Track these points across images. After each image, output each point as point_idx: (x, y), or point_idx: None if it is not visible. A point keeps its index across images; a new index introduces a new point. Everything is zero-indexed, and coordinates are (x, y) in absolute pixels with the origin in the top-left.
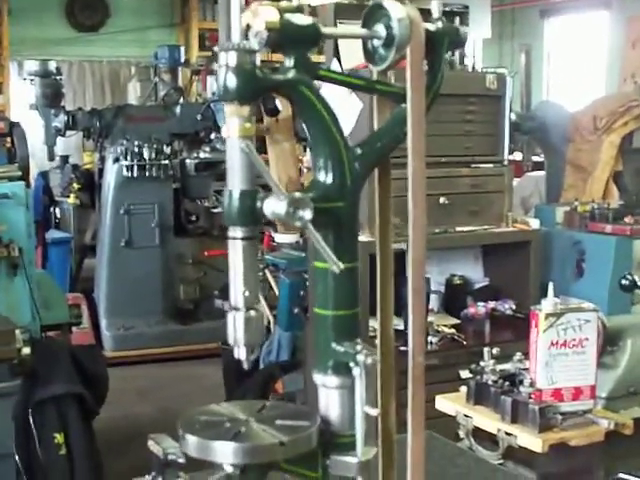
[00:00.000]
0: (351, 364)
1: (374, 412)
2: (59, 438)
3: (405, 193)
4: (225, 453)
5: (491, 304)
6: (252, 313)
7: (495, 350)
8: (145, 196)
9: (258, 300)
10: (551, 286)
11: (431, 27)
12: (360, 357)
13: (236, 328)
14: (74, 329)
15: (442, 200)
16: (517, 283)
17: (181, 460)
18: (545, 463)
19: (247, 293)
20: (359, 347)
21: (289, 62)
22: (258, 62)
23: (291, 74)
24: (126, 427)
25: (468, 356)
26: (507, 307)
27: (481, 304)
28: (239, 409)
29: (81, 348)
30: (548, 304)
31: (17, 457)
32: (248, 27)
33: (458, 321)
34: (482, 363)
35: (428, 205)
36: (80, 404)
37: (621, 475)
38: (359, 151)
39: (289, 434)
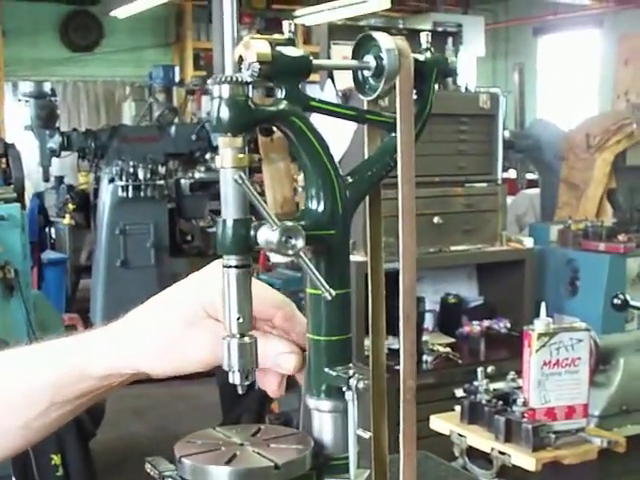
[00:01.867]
0: (344, 388)
1: (366, 435)
2: (56, 460)
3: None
4: (220, 477)
5: (486, 323)
6: (246, 339)
7: (490, 369)
8: (140, 216)
9: (252, 326)
10: (543, 306)
11: (420, 57)
12: (352, 381)
13: (230, 354)
14: None
15: (436, 220)
16: (512, 301)
17: None
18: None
19: (241, 320)
20: (352, 371)
21: (281, 93)
22: (251, 94)
23: (282, 105)
24: (122, 447)
25: (463, 375)
26: (502, 325)
27: (476, 323)
28: (234, 433)
29: None
30: (541, 324)
31: (14, 479)
32: (241, 59)
33: (453, 340)
34: (476, 382)
35: (422, 225)
36: (77, 426)
37: None
38: (350, 179)
39: (283, 457)
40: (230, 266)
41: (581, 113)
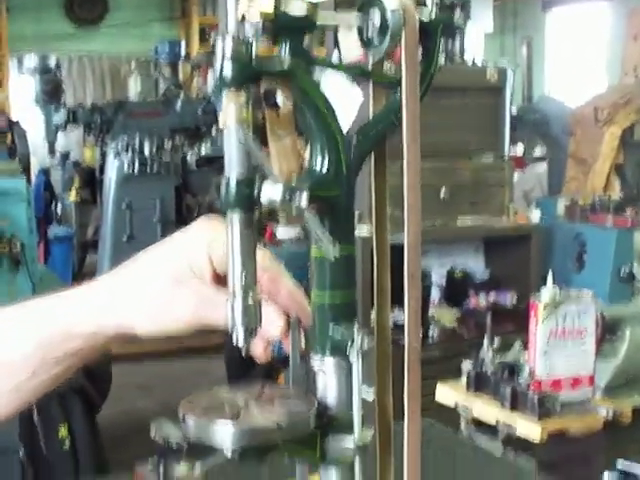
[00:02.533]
0: (348, 347)
1: (371, 395)
2: (63, 433)
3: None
4: (223, 435)
5: (492, 296)
6: (250, 297)
7: (496, 342)
8: (146, 191)
9: (256, 285)
10: (550, 275)
11: (425, 15)
12: (357, 340)
13: (234, 313)
14: None
15: (442, 193)
16: (518, 275)
17: (183, 446)
18: (544, 452)
19: (245, 278)
20: (356, 330)
21: (284, 50)
22: (254, 51)
23: (286, 61)
24: (128, 422)
25: (469, 348)
26: (508, 299)
27: (482, 296)
28: (238, 393)
29: None
30: (547, 294)
31: (22, 452)
32: (244, 17)
33: (459, 314)
34: (481, 353)
35: (428, 198)
36: (84, 399)
37: (620, 463)
38: (354, 139)
39: (287, 417)
40: (233, 222)
41: (589, 89)
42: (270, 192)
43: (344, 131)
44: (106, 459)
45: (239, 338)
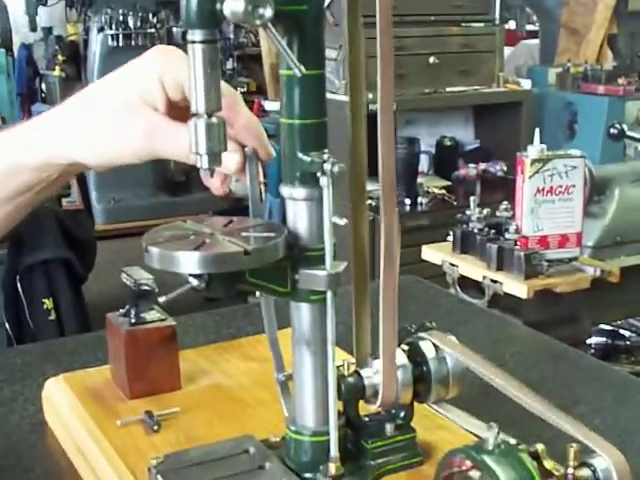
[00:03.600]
0: (318, 174)
1: (342, 222)
2: (48, 304)
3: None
4: (188, 263)
5: (482, 166)
6: (214, 119)
7: (485, 210)
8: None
9: (220, 107)
10: (537, 133)
11: None
12: (327, 166)
13: (197, 135)
14: (64, 202)
15: (431, 60)
16: (508, 145)
17: (155, 290)
18: (531, 310)
19: (209, 98)
20: (326, 156)
21: None
22: None
23: None
24: (117, 296)
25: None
26: (498, 169)
27: (472, 166)
28: (205, 224)
29: (67, 213)
30: (534, 150)
31: (7, 325)
32: None
33: (448, 183)
34: (468, 212)
35: (417, 65)
36: (68, 269)
37: (601, 326)
38: None
39: (255, 244)
40: (195, 41)
41: None
42: (232, 5)
43: None
44: (91, 329)
45: (203, 162)
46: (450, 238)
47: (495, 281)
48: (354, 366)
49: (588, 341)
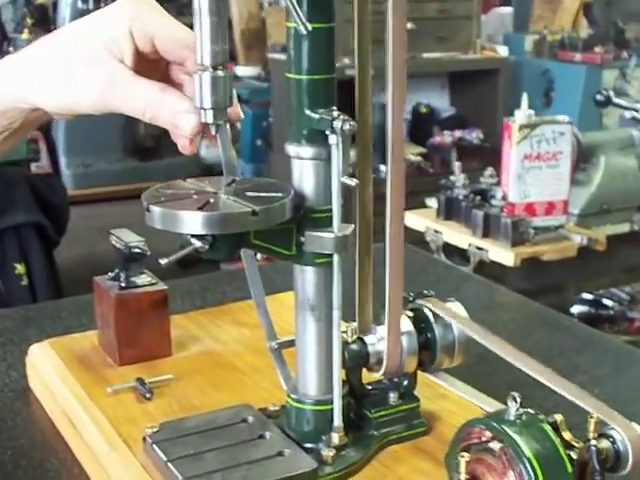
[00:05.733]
0: (327, 132)
1: (352, 182)
2: (20, 269)
3: None
4: (193, 223)
5: (458, 133)
6: (220, 72)
7: (462, 177)
8: None
9: (226, 59)
10: (525, 97)
11: None
12: (337, 124)
13: (202, 89)
14: (33, 167)
15: (409, 25)
16: (484, 113)
17: (146, 253)
18: (517, 278)
19: (214, 49)
20: (335, 114)
21: None
22: None
23: None
24: (90, 263)
25: (434, 184)
26: (474, 136)
27: (447, 133)
28: (207, 183)
29: (39, 177)
30: (522, 115)
31: None
32: None
33: (424, 150)
34: (452, 177)
35: None
36: (40, 233)
37: (584, 295)
38: None
39: (261, 204)
40: None
41: None
42: None
43: None
44: (63, 292)
45: (208, 117)
46: (431, 204)
47: (481, 248)
48: (357, 333)
49: (571, 310)
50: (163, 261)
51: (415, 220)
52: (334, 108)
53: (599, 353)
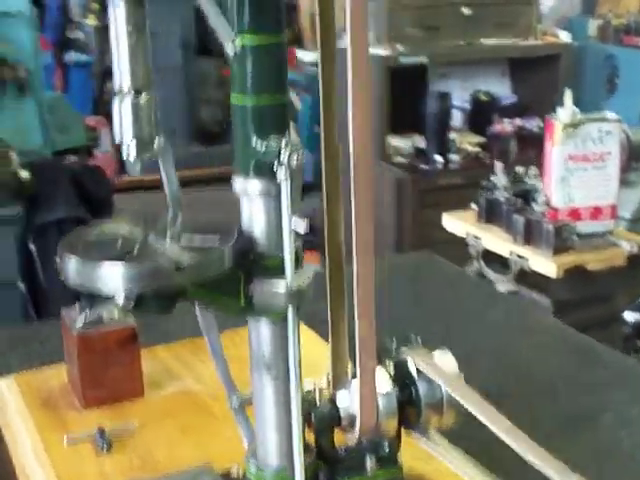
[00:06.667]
0: (275, 164)
1: (302, 227)
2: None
3: None
4: (106, 278)
5: (518, 121)
6: (142, 98)
7: (519, 169)
8: (166, 15)
9: (149, 82)
10: (568, 93)
11: None
12: (284, 155)
13: (122, 117)
14: (96, 152)
15: (465, 10)
16: (546, 100)
17: None
18: (560, 288)
19: (135, 71)
20: (284, 142)
21: None
22: None
23: None
24: None
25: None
26: (534, 124)
27: (507, 121)
28: (141, 222)
29: (83, 170)
30: (566, 113)
31: (22, 285)
32: None
33: (483, 139)
34: (493, 178)
35: (450, 16)
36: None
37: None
38: None
39: (192, 255)
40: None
41: None
42: None
43: None
44: None
45: (130, 152)
46: (474, 206)
47: (522, 256)
48: (328, 390)
49: (624, 316)
50: (78, 324)
51: (454, 224)
52: (286, 135)
53: (633, 389)
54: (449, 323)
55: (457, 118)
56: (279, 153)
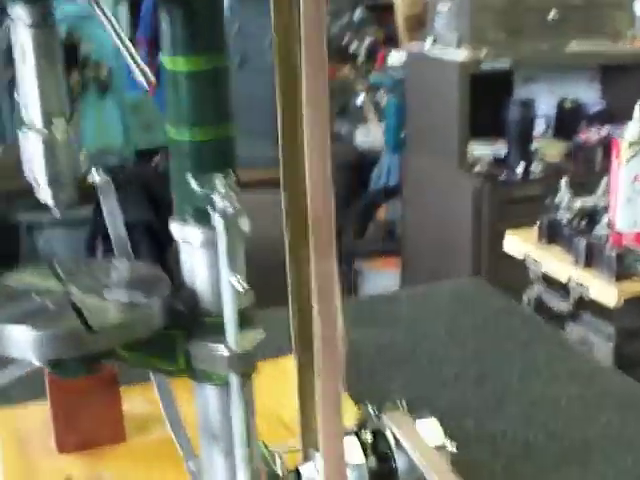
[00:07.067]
0: (210, 210)
1: (239, 286)
2: None
3: None
4: (13, 342)
5: (606, 130)
6: (58, 134)
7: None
8: (259, 14)
9: (66, 115)
10: (638, 108)
11: None
12: (218, 200)
13: (34, 156)
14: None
15: (551, 14)
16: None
17: None
18: (623, 316)
19: (46, 102)
20: (220, 185)
21: None
22: None
23: None
24: None
25: (575, 187)
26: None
27: (594, 129)
28: (64, 272)
29: (156, 174)
30: (633, 129)
31: None
32: None
33: (567, 148)
34: (558, 197)
35: (534, 20)
36: (151, 234)
37: None
38: None
39: (121, 311)
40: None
41: None
42: None
43: None
44: None
45: (46, 197)
46: (536, 227)
47: (581, 284)
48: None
49: None
50: None
51: (515, 245)
52: (226, 175)
53: None
54: (484, 363)
55: (540, 126)
56: (213, 198)
